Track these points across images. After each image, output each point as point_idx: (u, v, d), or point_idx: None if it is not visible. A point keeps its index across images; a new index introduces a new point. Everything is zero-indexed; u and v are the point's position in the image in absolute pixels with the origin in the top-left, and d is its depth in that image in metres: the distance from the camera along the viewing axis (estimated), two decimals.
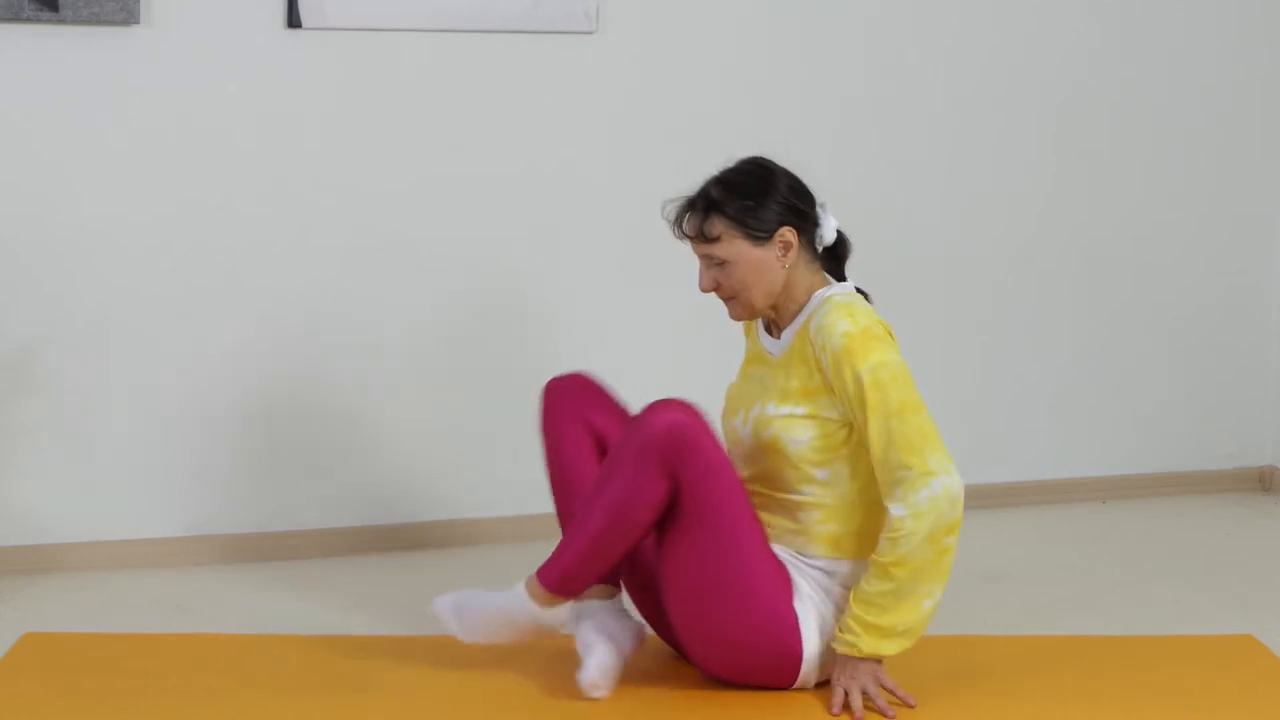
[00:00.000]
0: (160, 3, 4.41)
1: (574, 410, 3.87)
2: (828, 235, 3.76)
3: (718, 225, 3.69)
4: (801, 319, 3.72)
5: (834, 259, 3.80)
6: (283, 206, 4.58)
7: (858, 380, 3.60)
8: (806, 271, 3.74)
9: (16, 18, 4.29)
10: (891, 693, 3.70)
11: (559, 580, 3.66)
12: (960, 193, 5.09)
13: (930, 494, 3.58)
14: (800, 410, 3.68)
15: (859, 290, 3.78)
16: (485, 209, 4.71)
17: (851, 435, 3.67)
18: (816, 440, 3.67)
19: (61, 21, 4.32)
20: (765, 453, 3.71)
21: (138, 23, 4.38)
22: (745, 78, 4.88)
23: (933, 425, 3.62)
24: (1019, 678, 3.88)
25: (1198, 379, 5.37)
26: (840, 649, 3.67)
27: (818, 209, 3.75)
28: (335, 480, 4.70)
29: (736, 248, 3.69)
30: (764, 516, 3.73)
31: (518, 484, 4.64)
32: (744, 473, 3.75)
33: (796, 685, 3.74)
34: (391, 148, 4.65)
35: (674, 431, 3.57)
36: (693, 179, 3.76)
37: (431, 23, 4.61)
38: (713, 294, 3.76)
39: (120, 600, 4.33)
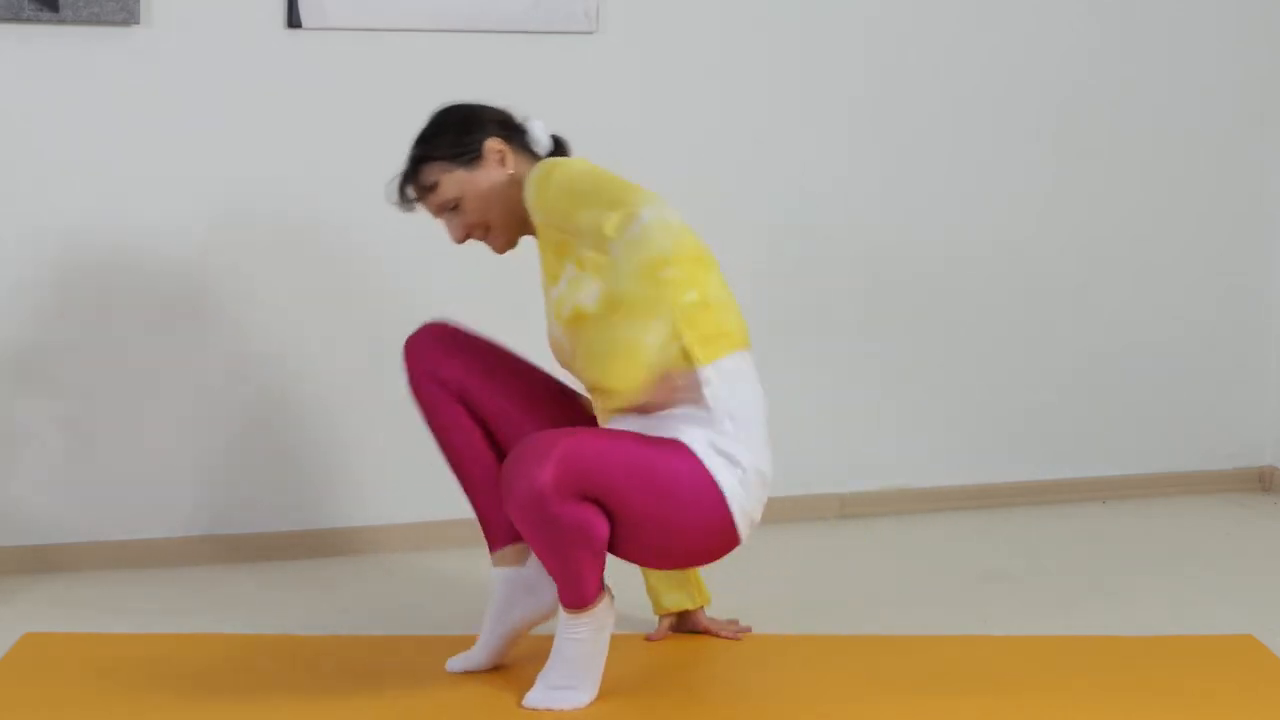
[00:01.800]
0: (160, 3, 4.41)
1: (433, 371, 3.81)
2: (541, 137, 3.78)
3: (433, 171, 3.75)
4: None
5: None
6: (282, 206, 4.58)
7: (541, 192, 3.60)
8: None
9: (16, 18, 4.29)
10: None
11: (576, 599, 3.59)
12: (960, 193, 5.09)
13: (640, 225, 3.47)
14: (570, 273, 3.64)
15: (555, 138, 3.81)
16: None
17: None
18: (604, 288, 3.57)
19: (61, 21, 4.32)
20: (581, 332, 3.62)
21: (138, 23, 4.38)
22: (745, 78, 4.88)
23: (626, 181, 3.57)
24: (1018, 678, 3.88)
25: (1198, 379, 5.37)
26: None
27: (520, 119, 3.79)
28: (337, 480, 4.70)
29: (456, 179, 3.73)
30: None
31: None
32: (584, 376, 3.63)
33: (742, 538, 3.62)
34: (392, 148, 4.64)
35: (553, 489, 3.42)
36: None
37: (431, 23, 4.61)
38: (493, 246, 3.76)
39: (120, 600, 4.33)
